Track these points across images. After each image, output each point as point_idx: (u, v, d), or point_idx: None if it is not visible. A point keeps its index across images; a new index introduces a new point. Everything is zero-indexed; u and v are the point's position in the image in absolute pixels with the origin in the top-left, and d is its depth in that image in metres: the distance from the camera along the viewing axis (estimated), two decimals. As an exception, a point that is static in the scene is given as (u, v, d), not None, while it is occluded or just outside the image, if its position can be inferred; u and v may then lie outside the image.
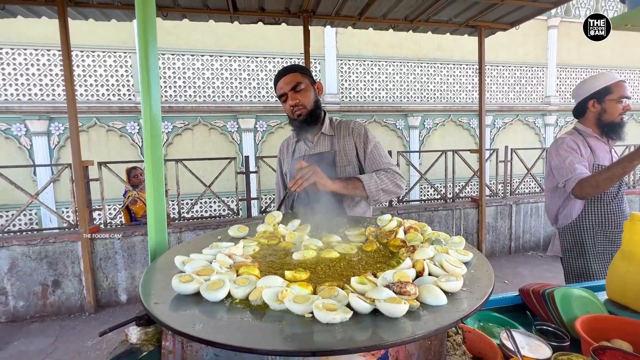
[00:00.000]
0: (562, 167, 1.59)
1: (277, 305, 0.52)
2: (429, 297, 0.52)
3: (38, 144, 5.21)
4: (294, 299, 0.51)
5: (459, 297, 0.54)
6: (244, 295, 0.57)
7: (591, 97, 1.58)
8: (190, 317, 0.51)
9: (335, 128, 1.47)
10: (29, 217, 5.37)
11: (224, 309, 0.54)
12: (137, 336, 0.60)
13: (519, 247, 4.63)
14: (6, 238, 3.20)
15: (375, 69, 6.61)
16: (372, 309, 0.50)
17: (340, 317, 0.47)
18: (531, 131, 7.68)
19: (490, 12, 3.51)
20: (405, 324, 0.47)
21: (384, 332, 0.45)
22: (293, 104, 1.35)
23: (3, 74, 5.09)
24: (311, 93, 1.39)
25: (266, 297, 0.53)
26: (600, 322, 1.01)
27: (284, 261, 0.73)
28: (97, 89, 5.43)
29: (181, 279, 0.61)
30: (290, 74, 1.37)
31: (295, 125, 1.41)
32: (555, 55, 7.53)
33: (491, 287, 0.55)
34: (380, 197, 1.27)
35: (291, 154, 1.53)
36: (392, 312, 0.48)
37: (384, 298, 0.49)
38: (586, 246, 1.61)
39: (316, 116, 1.40)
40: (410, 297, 0.51)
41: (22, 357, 2.62)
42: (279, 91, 1.38)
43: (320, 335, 0.45)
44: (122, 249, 3.39)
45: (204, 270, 0.67)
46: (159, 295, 0.59)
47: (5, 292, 3.14)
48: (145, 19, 0.92)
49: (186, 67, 5.73)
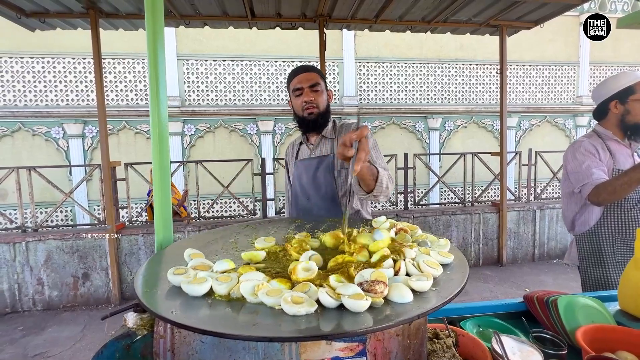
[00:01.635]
0: (578, 172, 1.52)
1: (253, 299, 0.56)
2: (395, 295, 0.54)
3: (74, 146, 5.61)
4: (267, 292, 0.55)
5: (426, 296, 0.55)
6: (226, 291, 0.61)
7: (613, 98, 1.50)
8: (171, 305, 0.56)
9: (337, 131, 1.47)
10: (64, 214, 5.78)
11: (206, 302, 0.59)
12: (134, 321, 0.66)
13: (543, 255, 4.42)
14: (43, 233, 3.47)
15: (395, 70, 6.56)
16: (339, 304, 0.53)
17: (305, 310, 0.50)
18: (561, 133, 7.30)
19: (511, 10, 3.40)
20: (367, 318, 0.49)
21: (345, 324, 0.48)
22: (308, 100, 1.36)
23: (45, 82, 5.53)
24: (325, 96, 1.41)
25: (243, 291, 0.57)
26: (605, 333, 0.97)
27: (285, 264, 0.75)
28: (126, 94, 5.77)
29: (175, 271, 0.66)
30: (311, 72, 1.38)
31: (302, 124, 1.42)
32: (588, 53, 7.13)
33: (459, 287, 0.56)
34: (380, 196, 1.17)
35: (294, 157, 1.54)
36: (354, 307, 0.50)
37: (350, 294, 0.52)
38: (605, 255, 1.53)
39: (325, 119, 1.42)
40: (377, 294, 0.53)
41: (55, 342, 2.84)
42: (296, 84, 1.37)
43: (285, 325, 0.48)
44: (145, 245, 3.57)
45: (202, 266, 0.72)
46: (152, 284, 0.64)
47: (42, 282, 3.40)
48: (155, 28, 1.00)
49: (209, 72, 5.96)
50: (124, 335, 0.66)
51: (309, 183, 1.42)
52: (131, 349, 0.65)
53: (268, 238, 0.91)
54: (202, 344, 0.65)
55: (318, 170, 1.41)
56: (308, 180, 1.42)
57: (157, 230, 1.03)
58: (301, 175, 1.45)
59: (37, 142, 5.56)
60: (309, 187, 1.42)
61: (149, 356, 0.66)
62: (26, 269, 3.36)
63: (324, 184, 1.40)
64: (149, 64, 1.01)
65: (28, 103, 5.51)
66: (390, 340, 0.68)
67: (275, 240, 0.91)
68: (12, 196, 5.17)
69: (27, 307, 3.39)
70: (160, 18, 1.01)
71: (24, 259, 3.35)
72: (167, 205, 1.05)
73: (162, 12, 1.02)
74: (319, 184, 1.40)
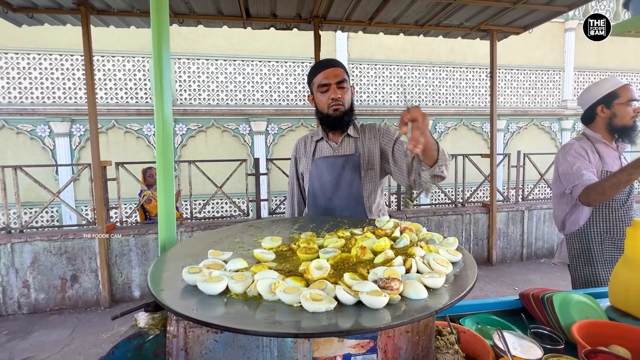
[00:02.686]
0: (569, 173, 1.58)
1: (270, 296, 0.57)
2: (411, 292, 0.55)
3: (60, 145, 5.46)
4: (284, 289, 0.56)
5: (439, 293, 0.57)
6: (243, 289, 0.61)
7: (599, 103, 1.57)
8: (190, 304, 0.56)
9: (360, 131, 1.43)
10: (50, 214, 5.62)
11: (223, 300, 0.59)
12: (145, 321, 0.66)
13: (531, 254, 4.53)
14: (30, 234, 3.37)
15: (387, 72, 6.63)
16: (357, 301, 0.54)
17: (325, 306, 0.51)
18: (547, 136, 7.51)
19: (502, 16, 3.48)
20: (385, 314, 0.50)
21: (364, 320, 0.49)
22: (335, 97, 1.30)
23: (30, 79, 5.37)
24: (350, 93, 1.36)
25: (260, 289, 0.58)
26: (598, 328, 1.01)
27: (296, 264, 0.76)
28: (116, 92, 5.66)
29: (190, 270, 0.66)
30: (338, 68, 1.32)
31: (327, 121, 1.36)
32: (573, 59, 7.36)
33: (471, 285, 0.58)
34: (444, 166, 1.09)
35: (311, 154, 1.45)
36: (373, 304, 0.51)
37: (367, 291, 0.53)
38: (594, 253, 1.59)
39: (349, 117, 1.37)
40: (393, 291, 0.55)
41: (42, 347, 2.76)
42: (323, 80, 1.31)
43: (306, 321, 0.49)
44: (136, 246, 3.51)
45: (214, 265, 0.72)
46: (165, 283, 0.64)
47: (28, 284, 3.30)
48: (160, 29, 0.99)
49: (201, 71, 5.90)
50: (136, 335, 0.66)
51: (332, 182, 1.36)
52: (143, 348, 0.65)
53: (275, 238, 0.92)
54: (215, 343, 0.65)
55: (344, 170, 1.35)
56: (332, 179, 1.36)
57: (160, 230, 1.03)
58: (322, 173, 1.39)
59: (22, 141, 5.40)
60: (332, 186, 1.36)
61: (161, 356, 0.66)
62: (11, 271, 3.25)
63: (350, 184, 1.35)
64: (154, 64, 1.01)
65: (12, 100, 5.34)
66: (401, 337, 0.70)
67: (281, 240, 0.91)
68: (-5, 196, 5.00)
69: (12, 310, 3.29)
70: (165, 19, 1.00)
71: (9, 260, 3.24)
72: (171, 205, 1.04)
73: (167, 13, 1.01)
74: (344, 184, 1.35)
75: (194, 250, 0.87)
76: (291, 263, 0.77)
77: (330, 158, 1.39)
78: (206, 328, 0.66)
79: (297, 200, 1.56)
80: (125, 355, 0.64)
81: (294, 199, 1.56)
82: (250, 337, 0.65)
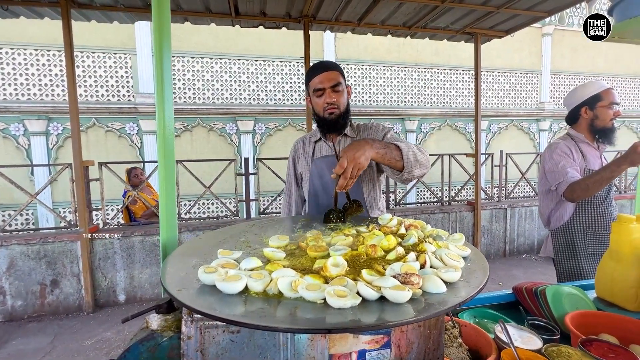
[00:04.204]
0: (555, 171, 1.65)
1: (291, 294, 0.57)
2: (431, 286, 0.57)
3: (36, 144, 5.20)
4: (306, 287, 0.56)
5: (457, 286, 0.59)
6: (262, 288, 0.61)
7: (583, 104, 1.65)
8: (210, 303, 0.55)
9: (356, 130, 1.46)
10: (25, 217, 5.35)
11: (242, 299, 0.59)
12: (158, 323, 0.64)
13: (513, 250, 4.70)
14: (5, 237, 3.20)
15: (374, 73, 6.70)
16: (379, 296, 0.55)
17: (351, 302, 0.52)
18: (526, 136, 7.81)
19: (486, 19, 3.60)
20: (409, 308, 0.52)
21: (389, 315, 0.50)
22: (330, 102, 1.32)
23: (2, 74, 5.09)
24: (345, 96, 1.38)
25: (281, 286, 0.57)
26: (589, 318, 1.07)
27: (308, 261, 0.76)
28: (96, 90, 5.45)
29: (206, 270, 0.65)
30: (333, 71, 1.33)
31: (323, 124, 1.38)
32: (549, 62, 7.68)
33: (486, 278, 0.60)
34: (414, 170, 1.15)
35: (310, 154, 1.48)
36: (397, 298, 0.52)
37: (390, 286, 0.54)
38: (577, 247, 1.67)
39: (345, 120, 1.39)
40: (414, 286, 0.56)
41: (20, 356, 2.63)
42: (318, 85, 1.33)
43: (332, 317, 0.50)
44: (121, 249, 3.40)
45: (228, 264, 0.71)
46: (180, 283, 0.63)
47: (4, 291, 3.13)
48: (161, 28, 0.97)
49: (186, 69, 5.77)
50: (148, 338, 0.64)
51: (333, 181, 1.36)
52: (157, 351, 0.64)
53: (281, 236, 0.92)
54: (232, 343, 0.65)
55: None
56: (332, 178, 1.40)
57: (162, 230, 1.01)
58: (322, 173, 1.41)
59: (-7, 140, 5.11)
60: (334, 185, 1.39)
61: (175, 358, 0.65)
62: (-15, 278, 3.08)
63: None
64: (155, 63, 0.98)
65: (-18, 97, 5.05)
66: (413, 332, 0.71)
67: (288, 239, 0.91)
68: (-36, 198, 4.73)
69: (-14, 319, 3.11)
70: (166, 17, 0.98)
71: (-17, 266, 3.07)
72: (173, 206, 1.02)
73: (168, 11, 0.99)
74: None
75: (201, 250, 0.85)
76: (302, 261, 0.77)
77: (330, 157, 1.42)
78: (222, 328, 0.65)
79: (295, 200, 1.57)
80: (139, 358, 0.62)
81: (292, 199, 1.58)
82: (267, 336, 0.65)
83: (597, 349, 0.86)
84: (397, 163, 1.12)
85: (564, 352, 0.84)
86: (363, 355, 0.69)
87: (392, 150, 1.11)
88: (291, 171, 1.56)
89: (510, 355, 0.82)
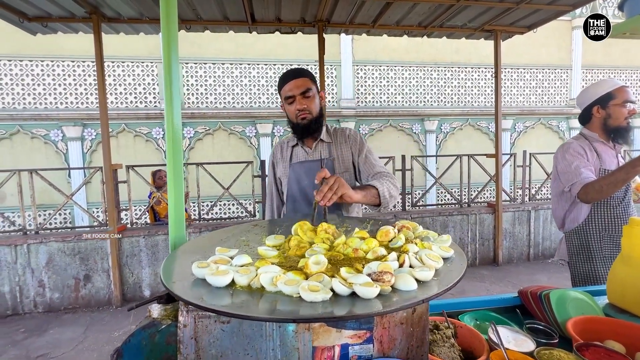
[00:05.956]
0: (568, 172, 1.60)
1: (272, 288, 0.62)
2: (401, 284, 0.60)
3: (73, 149, 5.62)
4: (285, 282, 0.61)
5: (429, 285, 0.61)
6: (247, 282, 0.66)
7: (595, 104, 1.59)
8: (199, 294, 0.61)
9: (332, 135, 1.49)
10: (63, 216, 5.78)
11: (229, 291, 0.65)
12: (158, 312, 0.71)
13: (538, 254, 4.51)
14: (45, 235, 3.49)
15: (392, 73, 6.66)
16: (351, 292, 0.59)
17: (322, 296, 0.56)
18: (554, 135, 7.44)
19: (505, 16, 3.49)
20: (376, 303, 0.55)
21: (356, 309, 0.54)
22: (301, 108, 1.37)
23: (44, 85, 5.54)
24: (317, 100, 1.41)
25: (263, 281, 0.63)
26: (594, 324, 1.04)
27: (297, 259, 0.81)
28: (126, 97, 5.80)
29: (199, 265, 0.72)
30: (301, 78, 1.37)
31: (297, 130, 1.42)
32: (581, 57, 7.28)
33: (458, 278, 0.62)
34: (389, 203, 1.29)
35: (288, 159, 1.52)
36: (365, 294, 0.56)
37: (361, 283, 0.58)
38: (592, 250, 1.61)
39: (319, 124, 1.43)
40: (385, 283, 0.59)
41: (57, 344, 2.86)
42: (287, 93, 1.37)
43: (304, 309, 0.54)
44: (146, 247, 3.60)
45: (221, 260, 0.77)
46: (176, 276, 0.70)
47: (43, 284, 3.42)
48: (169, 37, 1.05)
49: (208, 75, 6.01)
50: (150, 325, 0.72)
51: (310, 186, 1.41)
52: (156, 337, 0.71)
53: (278, 236, 0.97)
54: (222, 332, 0.70)
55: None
56: (310, 183, 1.41)
57: (171, 229, 1.08)
58: (300, 178, 1.44)
59: (36, 145, 5.57)
60: (311, 190, 1.41)
61: (173, 344, 0.72)
62: (27, 271, 3.37)
63: None
64: (164, 70, 1.07)
65: (27, 106, 5.52)
66: (396, 328, 0.74)
67: (284, 238, 0.97)
68: (10, 199, 5.18)
69: (28, 309, 3.40)
70: (174, 27, 1.06)
71: (25, 261, 3.36)
72: (180, 206, 1.10)
73: (176, 21, 1.07)
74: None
75: (202, 248, 0.92)
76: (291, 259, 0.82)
77: (306, 163, 1.45)
78: (214, 318, 0.72)
79: (276, 204, 1.60)
80: (141, 343, 0.70)
81: (273, 203, 1.61)
82: (255, 327, 0.71)
83: (593, 354, 0.84)
84: (375, 200, 1.25)
85: (556, 356, 0.83)
86: (346, 349, 0.73)
87: (370, 191, 1.24)
88: (271, 175, 1.59)
89: (500, 356, 0.83)
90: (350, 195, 1.13)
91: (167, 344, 0.71)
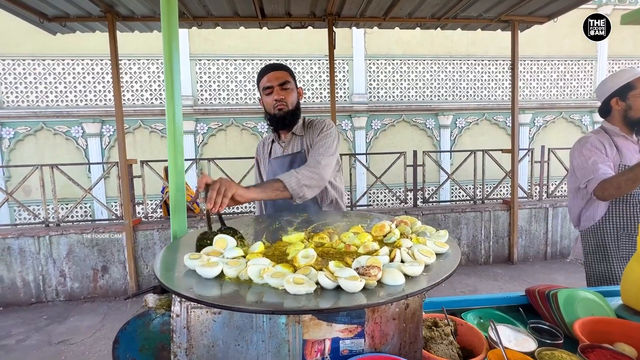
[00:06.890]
0: (584, 167, 1.53)
1: (259, 280, 0.62)
2: (388, 279, 0.59)
3: (92, 145, 5.82)
4: (272, 274, 0.61)
5: (417, 280, 0.60)
6: (235, 274, 0.67)
7: (614, 95, 1.51)
8: (188, 285, 0.62)
9: (306, 128, 1.49)
10: (84, 209, 6.01)
11: (218, 283, 0.65)
12: (153, 302, 0.73)
13: (555, 253, 4.35)
14: (65, 227, 3.64)
15: (405, 67, 6.53)
16: (336, 286, 0.58)
17: (305, 289, 0.56)
18: (577, 129, 7.12)
19: (523, 5, 3.35)
20: (360, 297, 0.54)
21: (340, 302, 0.53)
22: (278, 99, 1.39)
23: (65, 83, 5.75)
24: (295, 94, 1.44)
25: (250, 273, 0.63)
26: (604, 325, 1.00)
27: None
28: (141, 94, 5.94)
29: (190, 257, 0.73)
30: (280, 71, 1.41)
31: (273, 121, 1.44)
32: (607, 47, 6.92)
33: (447, 273, 0.60)
34: (305, 192, 1.21)
35: (267, 155, 1.54)
36: (349, 288, 0.55)
37: (346, 276, 0.57)
38: (609, 250, 1.53)
39: (295, 117, 1.44)
40: (371, 277, 0.58)
41: (77, 331, 2.99)
42: (266, 83, 1.40)
43: (286, 302, 0.54)
44: (160, 240, 3.71)
45: (214, 252, 0.78)
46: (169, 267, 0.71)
47: (64, 274, 3.58)
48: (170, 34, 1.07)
49: (220, 72, 6.08)
50: (145, 314, 0.73)
51: None
52: (151, 325, 0.73)
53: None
54: (214, 322, 0.71)
55: (292, 167, 1.39)
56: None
57: (172, 221, 1.11)
58: (276, 173, 1.43)
59: (59, 141, 5.80)
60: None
61: (166, 332, 0.73)
62: (50, 262, 3.54)
63: None
64: (165, 67, 1.08)
65: (49, 103, 5.74)
66: (388, 323, 0.73)
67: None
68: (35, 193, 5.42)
69: (50, 297, 3.58)
70: (174, 23, 1.07)
71: (48, 252, 3.53)
72: (182, 200, 1.12)
73: (176, 17, 1.08)
74: None
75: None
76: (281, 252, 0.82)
77: (280, 158, 1.47)
78: (206, 309, 0.73)
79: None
80: (136, 331, 0.72)
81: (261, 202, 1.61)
82: (245, 318, 0.71)
83: (599, 357, 0.81)
84: (283, 194, 1.17)
85: (557, 357, 0.80)
86: (337, 343, 0.73)
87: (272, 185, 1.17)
88: (257, 172, 1.63)
89: (498, 355, 0.80)
90: (242, 194, 1.08)
91: (162, 332, 0.73)
